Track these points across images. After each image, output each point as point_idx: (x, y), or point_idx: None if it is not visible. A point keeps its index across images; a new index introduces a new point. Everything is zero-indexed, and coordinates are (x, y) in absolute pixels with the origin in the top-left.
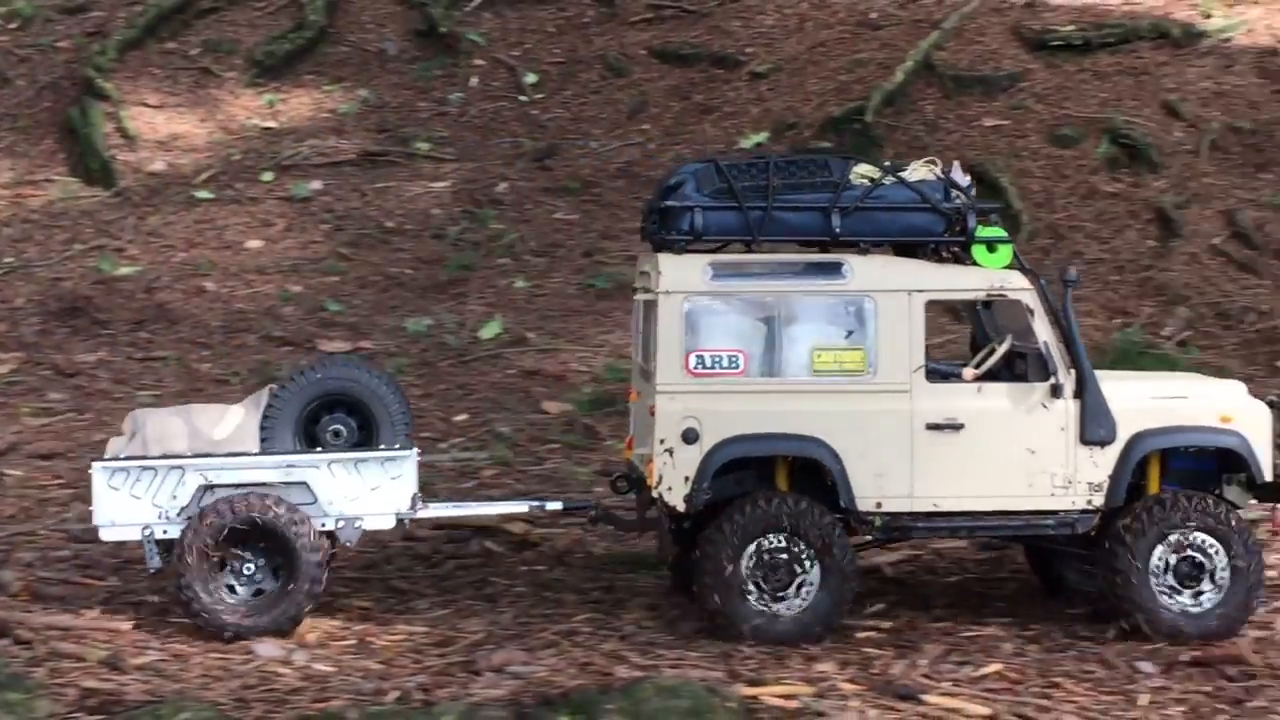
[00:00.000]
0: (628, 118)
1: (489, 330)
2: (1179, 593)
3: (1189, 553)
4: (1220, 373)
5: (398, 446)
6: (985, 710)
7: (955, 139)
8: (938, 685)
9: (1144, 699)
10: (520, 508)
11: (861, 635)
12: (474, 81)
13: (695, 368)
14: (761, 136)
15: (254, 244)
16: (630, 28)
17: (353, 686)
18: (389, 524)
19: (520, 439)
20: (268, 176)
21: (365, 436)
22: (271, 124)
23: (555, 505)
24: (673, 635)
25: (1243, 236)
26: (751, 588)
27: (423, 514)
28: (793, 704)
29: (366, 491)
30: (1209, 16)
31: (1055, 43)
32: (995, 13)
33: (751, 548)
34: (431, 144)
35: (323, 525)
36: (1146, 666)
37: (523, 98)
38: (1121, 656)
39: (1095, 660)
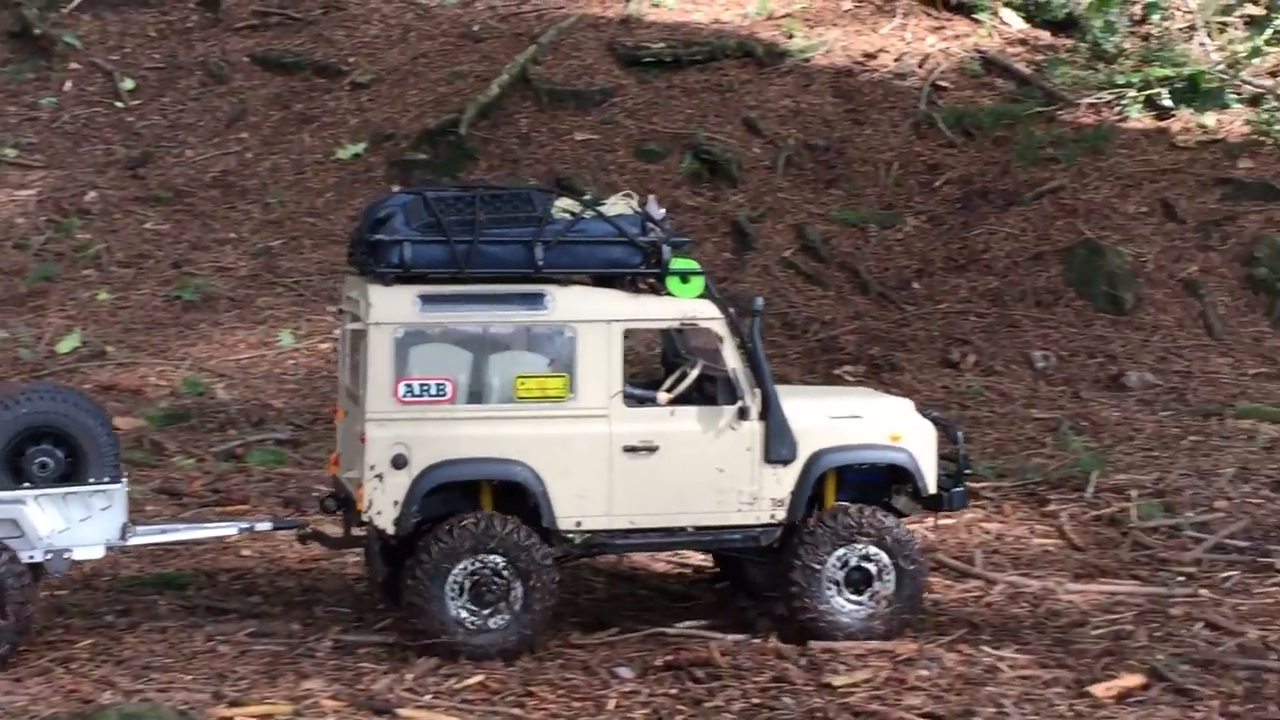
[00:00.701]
0: (226, 126)
1: (67, 344)
2: (851, 597)
3: (858, 561)
4: (782, 379)
5: (106, 479)
6: None
7: (547, 152)
8: (418, 698)
9: (612, 703)
10: (230, 530)
11: (364, 650)
12: (68, 86)
13: (404, 396)
14: (359, 148)
15: None
16: (234, 34)
17: None
18: (99, 554)
19: None
20: None
21: (73, 467)
22: None
23: (264, 525)
24: (171, 658)
25: (811, 249)
26: (460, 605)
27: (133, 541)
28: None
29: (76, 523)
30: (791, 37)
31: (647, 59)
32: (592, 28)
33: (459, 567)
34: (19, 150)
35: (30, 557)
36: (624, 671)
37: (119, 104)
38: (604, 663)
39: (579, 667)
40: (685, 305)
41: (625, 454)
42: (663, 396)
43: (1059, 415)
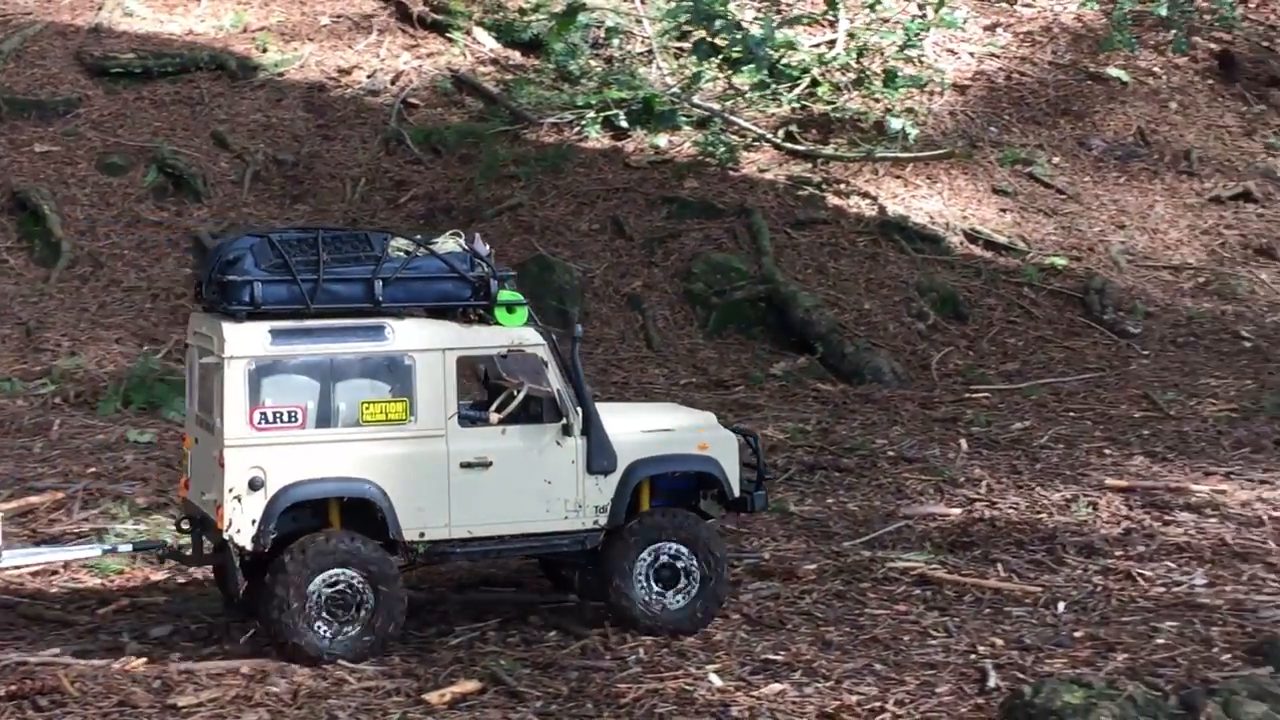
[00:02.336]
0: None
1: None
2: (661, 593)
3: (666, 559)
4: None
5: None
6: None
7: (4, 164)
8: None
9: None
10: (94, 551)
11: None
12: None
13: (259, 423)
14: None
15: None
16: None
17: None
18: None
19: None
20: None
21: None
22: None
23: (126, 546)
24: None
25: None
26: (318, 616)
27: (6, 563)
28: None
29: None
30: (265, 51)
31: (116, 70)
32: (60, 36)
33: (316, 580)
34: None
35: None
36: None
37: None
38: None
39: None
40: (512, 333)
41: (462, 469)
42: (494, 416)
43: None
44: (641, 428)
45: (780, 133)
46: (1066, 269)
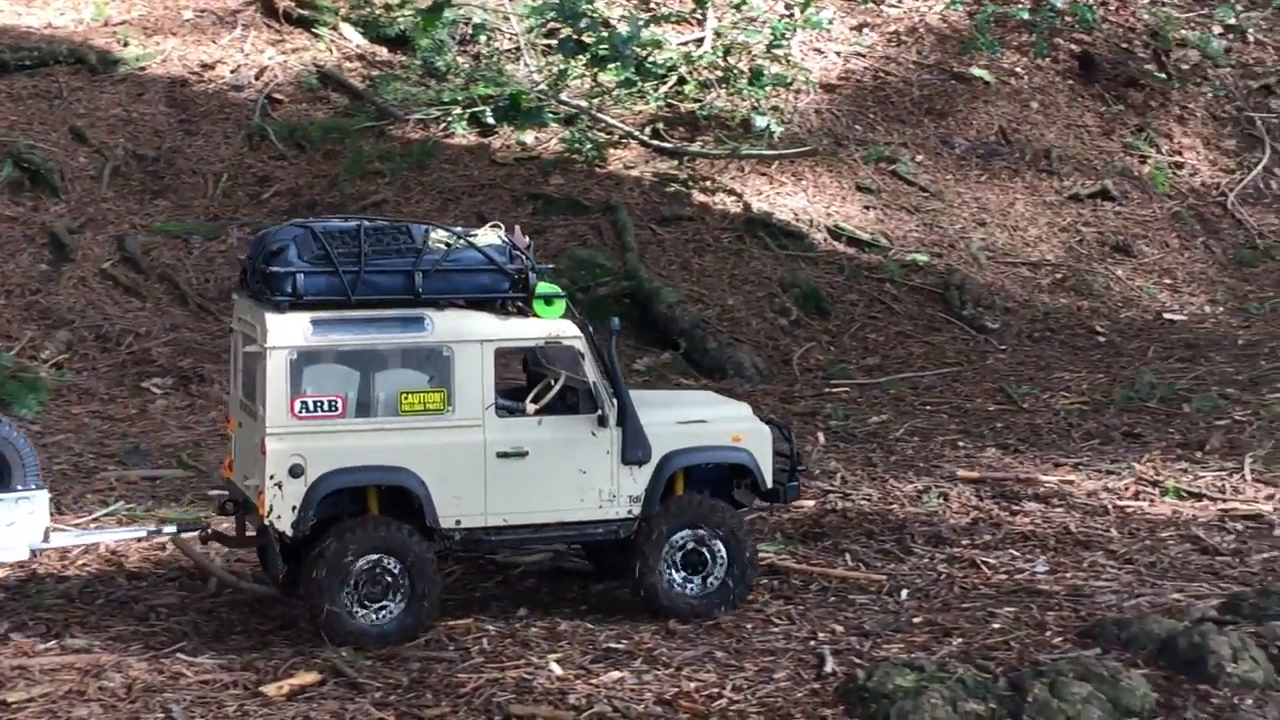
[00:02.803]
0: None
1: None
2: (688, 578)
3: (693, 545)
4: (87, 394)
5: (33, 486)
6: None
7: None
8: None
9: None
10: (140, 533)
11: None
12: None
13: (300, 412)
14: None
15: None
16: None
17: None
18: (24, 555)
19: None
20: None
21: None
22: None
23: (170, 529)
24: None
25: (131, 261)
26: (354, 599)
27: (52, 544)
28: None
29: (3, 527)
30: (127, 45)
31: None
32: None
33: (354, 565)
34: None
35: None
36: None
37: None
38: None
39: None
40: (550, 325)
41: (498, 459)
42: (530, 407)
43: None
44: (676, 419)
45: (647, 130)
46: (928, 265)
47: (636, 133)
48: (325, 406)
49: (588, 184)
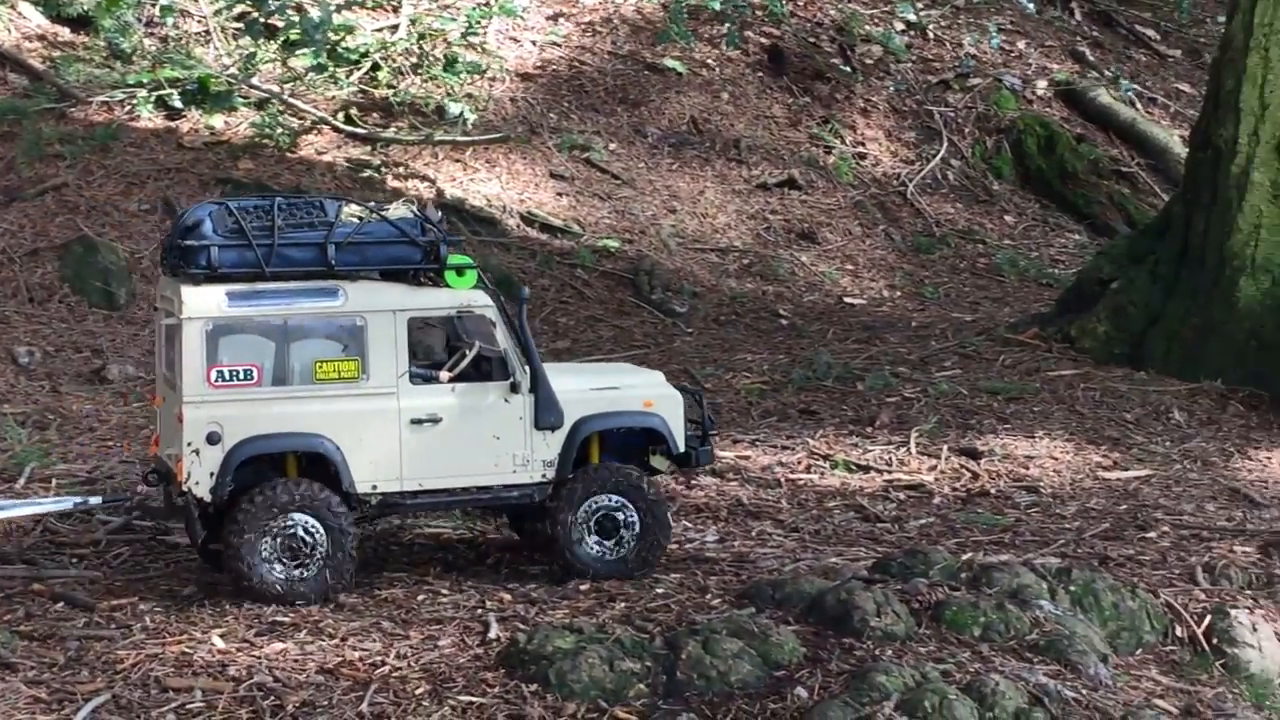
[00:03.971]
0: None
1: None
2: (601, 542)
3: (606, 510)
4: None
5: None
6: None
7: None
8: None
9: None
10: (65, 505)
11: None
12: None
13: (216, 381)
14: None
15: None
16: None
17: None
18: None
19: None
20: None
21: None
22: None
23: (95, 500)
24: None
25: None
26: (275, 559)
27: None
28: None
29: None
30: None
31: None
32: None
33: (273, 525)
34: None
35: None
36: None
37: None
38: None
39: None
40: (461, 295)
41: (412, 425)
42: (444, 375)
43: (32, 409)
44: (589, 386)
45: (340, 115)
46: (619, 251)
47: (329, 118)
48: (241, 375)
49: (278, 169)
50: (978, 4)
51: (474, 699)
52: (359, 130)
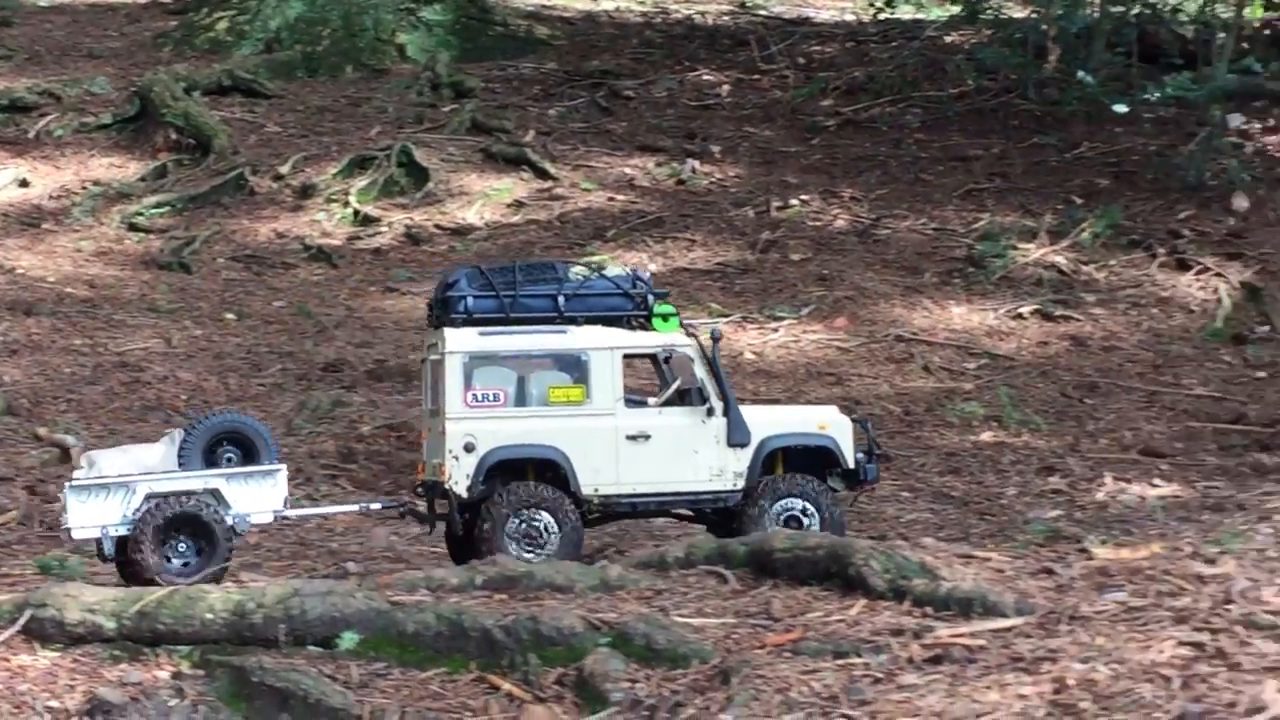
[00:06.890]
0: None
1: None
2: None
3: (792, 512)
4: None
5: (274, 464)
6: None
7: None
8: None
9: None
10: (353, 508)
11: None
12: None
13: (471, 402)
14: None
15: None
16: None
17: None
18: (269, 519)
19: None
20: None
21: (247, 460)
22: None
23: (375, 505)
24: None
25: None
26: (516, 543)
27: (291, 512)
28: None
29: (254, 495)
30: None
31: None
32: None
33: (517, 518)
34: None
35: (226, 519)
36: None
37: None
38: None
39: None
40: (666, 337)
41: (627, 441)
42: (654, 401)
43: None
44: (772, 414)
45: None
46: None
47: None
48: (491, 398)
49: None
50: None
51: None
52: None
